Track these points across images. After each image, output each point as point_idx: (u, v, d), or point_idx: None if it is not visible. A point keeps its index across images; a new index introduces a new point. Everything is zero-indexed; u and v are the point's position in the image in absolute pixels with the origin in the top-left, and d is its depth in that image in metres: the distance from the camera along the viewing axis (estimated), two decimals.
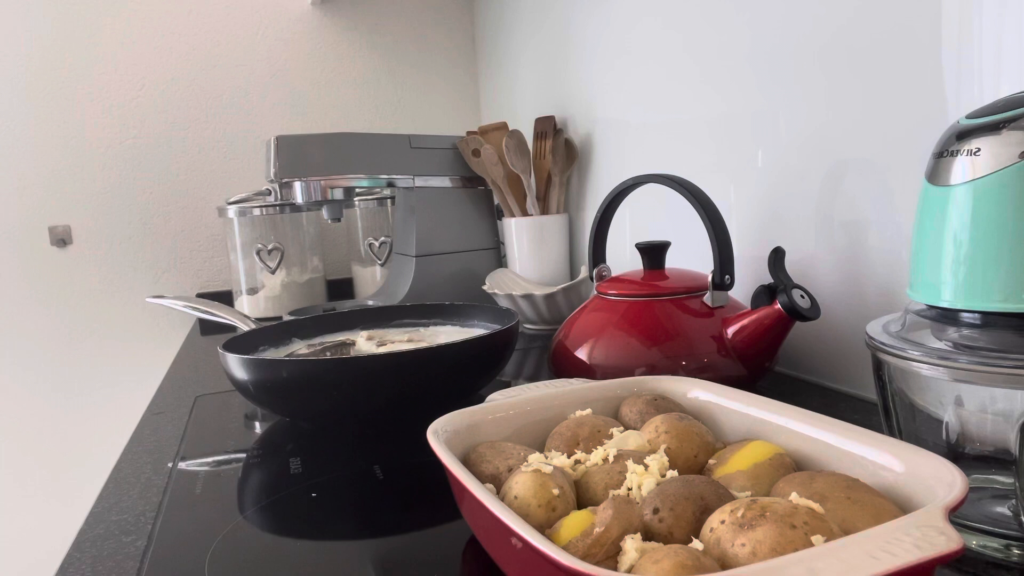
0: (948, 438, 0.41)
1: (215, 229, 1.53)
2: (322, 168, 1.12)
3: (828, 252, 0.70)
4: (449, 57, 1.65)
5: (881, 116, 0.63)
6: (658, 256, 0.75)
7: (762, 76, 0.76)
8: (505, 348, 0.72)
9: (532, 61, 1.35)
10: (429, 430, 0.44)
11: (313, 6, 1.54)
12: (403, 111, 1.63)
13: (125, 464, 0.64)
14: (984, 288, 0.38)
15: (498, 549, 0.39)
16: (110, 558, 0.46)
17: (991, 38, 0.53)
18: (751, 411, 0.46)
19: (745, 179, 0.80)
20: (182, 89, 1.49)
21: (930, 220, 0.41)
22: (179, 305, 0.89)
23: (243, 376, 0.66)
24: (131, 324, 1.50)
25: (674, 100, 0.92)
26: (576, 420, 0.47)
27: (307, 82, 1.56)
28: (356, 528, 0.49)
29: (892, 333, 0.43)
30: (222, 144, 1.53)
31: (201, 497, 0.55)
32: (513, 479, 0.39)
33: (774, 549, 0.29)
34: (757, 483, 0.38)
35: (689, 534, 0.34)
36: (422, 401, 0.65)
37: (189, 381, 0.93)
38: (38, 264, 1.45)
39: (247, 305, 1.35)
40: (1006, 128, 0.37)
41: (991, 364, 0.37)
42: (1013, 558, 0.38)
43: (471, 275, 1.22)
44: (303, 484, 0.56)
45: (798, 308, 0.63)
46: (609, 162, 1.10)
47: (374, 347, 0.80)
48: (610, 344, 0.70)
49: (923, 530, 0.28)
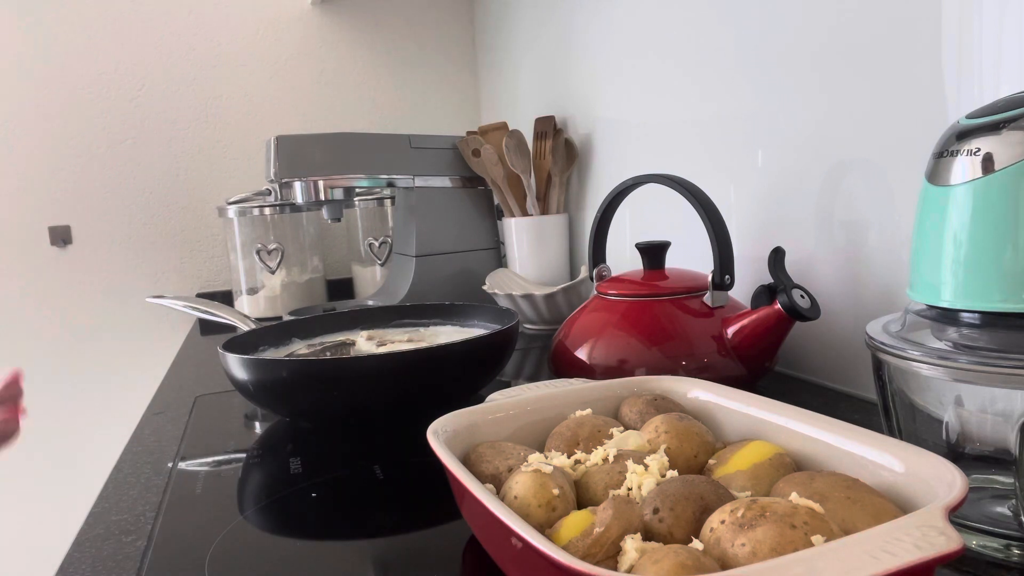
0: (948, 438, 0.41)
1: (215, 229, 1.53)
2: (322, 168, 1.12)
3: (828, 252, 0.70)
4: (449, 57, 1.65)
5: (881, 116, 0.63)
6: (658, 256, 0.75)
7: (762, 76, 0.76)
8: (505, 348, 0.72)
9: (532, 61, 1.35)
10: (429, 430, 0.44)
11: (313, 6, 1.54)
12: (403, 111, 1.63)
13: (125, 464, 0.64)
14: (984, 288, 0.38)
15: (498, 549, 0.39)
16: (110, 558, 0.46)
17: (991, 38, 0.53)
18: (751, 411, 0.46)
19: (745, 179, 0.80)
20: (182, 89, 1.49)
21: (930, 220, 0.41)
22: (179, 305, 0.89)
23: (243, 376, 0.66)
24: (131, 324, 1.50)
25: (674, 100, 0.92)
26: (576, 420, 0.47)
27: (307, 82, 1.56)
28: (356, 528, 0.49)
29: (892, 333, 0.43)
30: (222, 144, 1.53)
31: (201, 497, 0.55)
32: (513, 479, 0.39)
33: (774, 549, 0.29)
34: (757, 483, 0.38)
35: (689, 534, 0.34)
36: (422, 401, 0.65)
37: (189, 381, 0.93)
38: (38, 264, 1.45)
39: (247, 305, 1.35)
40: (1006, 128, 0.37)
41: (991, 364, 0.37)
42: (1013, 558, 0.38)
43: (471, 275, 1.22)
44: (303, 484, 0.56)
45: (798, 308, 0.63)
46: (609, 162, 1.10)
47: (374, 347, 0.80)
48: (610, 344, 0.70)
49: (923, 530, 0.28)
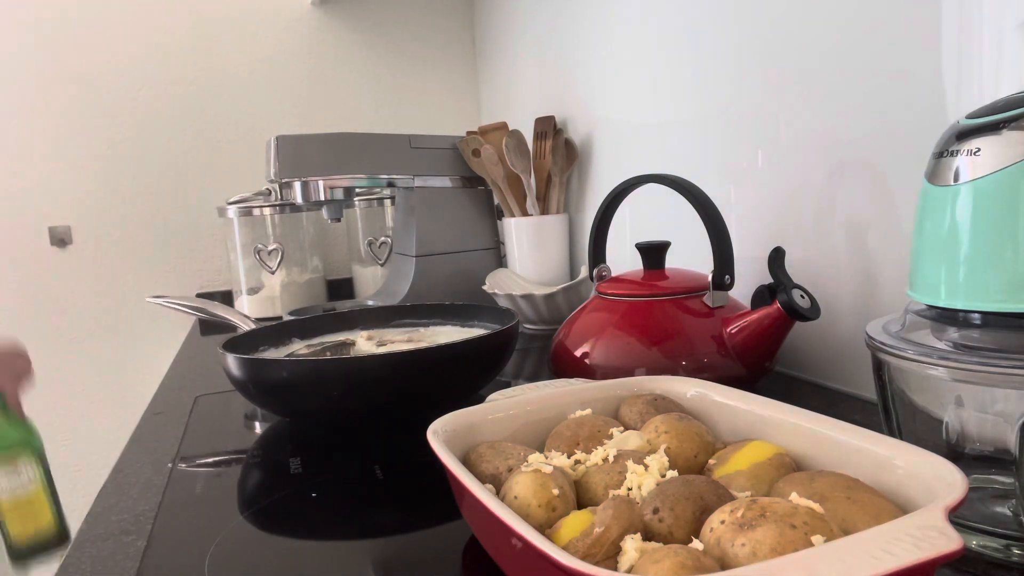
0: (948, 438, 0.41)
1: (215, 229, 1.53)
2: (322, 168, 1.12)
3: (828, 252, 0.70)
4: (449, 57, 1.65)
5: (881, 116, 0.63)
6: (658, 256, 0.75)
7: (762, 76, 0.76)
8: (505, 348, 0.72)
9: (532, 61, 1.35)
10: (429, 430, 0.44)
11: (313, 6, 1.54)
12: (403, 111, 1.63)
13: (125, 464, 0.64)
14: (984, 288, 0.38)
15: (498, 549, 0.39)
16: (110, 558, 0.46)
17: (991, 38, 0.53)
18: (751, 411, 0.46)
19: (745, 179, 0.80)
20: (182, 89, 1.49)
21: (930, 220, 0.41)
22: (179, 305, 0.89)
23: (243, 376, 0.66)
24: (131, 324, 1.50)
25: (674, 100, 0.92)
26: (576, 420, 0.47)
27: (307, 82, 1.56)
28: (356, 528, 0.49)
29: (892, 333, 0.43)
30: (222, 144, 1.53)
31: (201, 497, 0.55)
32: (513, 479, 0.39)
33: (774, 549, 0.29)
34: (757, 483, 0.38)
35: (689, 534, 0.34)
36: (422, 401, 0.65)
37: (189, 381, 0.93)
38: (38, 264, 1.45)
39: (247, 305, 1.35)
40: (1006, 128, 0.37)
41: (991, 364, 0.37)
42: (1013, 558, 0.38)
43: (471, 275, 1.22)
44: (303, 484, 0.56)
45: (798, 308, 0.63)
46: (609, 162, 1.10)
47: (374, 347, 0.80)
48: (610, 344, 0.70)
49: (923, 530, 0.28)
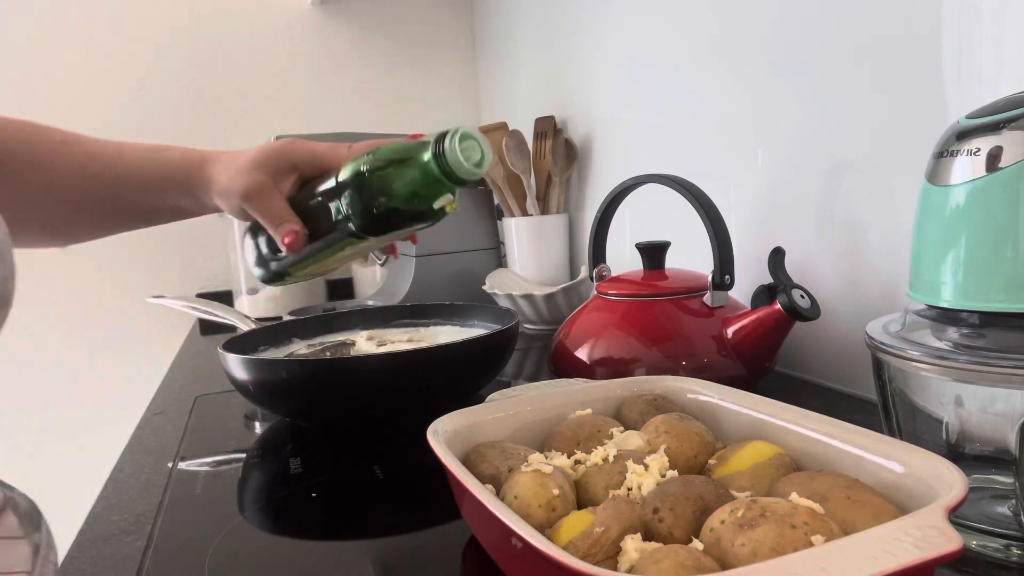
0: (948, 438, 0.41)
1: (215, 229, 1.53)
2: None
3: (828, 252, 0.70)
4: (449, 57, 1.65)
5: (881, 116, 0.63)
6: (658, 256, 0.75)
7: (762, 76, 0.76)
8: (505, 348, 0.72)
9: (532, 61, 1.35)
10: (429, 430, 0.44)
11: (313, 6, 1.54)
12: (403, 111, 1.63)
13: (125, 464, 0.64)
14: (984, 288, 0.38)
15: (498, 549, 0.39)
16: (110, 558, 0.46)
17: (991, 38, 0.53)
18: (751, 411, 0.46)
19: (745, 179, 0.80)
20: (182, 89, 1.49)
21: (930, 220, 0.41)
22: (179, 305, 0.89)
23: (243, 376, 0.66)
24: (131, 324, 1.50)
25: (674, 100, 0.92)
26: (576, 420, 0.47)
27: (307, 82, 1.56)
28: (356, 528, 0.49)
29: (892, 333, 0.43)
30: (222, 144, 1.51)
31: (201, 497, 0.55)
32: (513, 479, 0.39)
33: (774, 549, 0.29)
34: (757, 483, 0.38)
35: (689, 534, 0.34)
36: (422, 401, 0.65)
37: (189, 381, 0.93)
38: (38, 264, 1.44)
39: (247, 305, 1.35)
40: (1006, 128, 0.37)
41: (991, 364, 0.37)
42: (1013, 558, 0.38)
43: (471, 275, 1.22)
44: (303, 484, 0.56)
45: (798, 308, 0.63)
46: (609, 162, 1.10)
47: (374, 347, 0.80)
48: (610, 344, 0.70)
49: (923, 530, 0.28)
